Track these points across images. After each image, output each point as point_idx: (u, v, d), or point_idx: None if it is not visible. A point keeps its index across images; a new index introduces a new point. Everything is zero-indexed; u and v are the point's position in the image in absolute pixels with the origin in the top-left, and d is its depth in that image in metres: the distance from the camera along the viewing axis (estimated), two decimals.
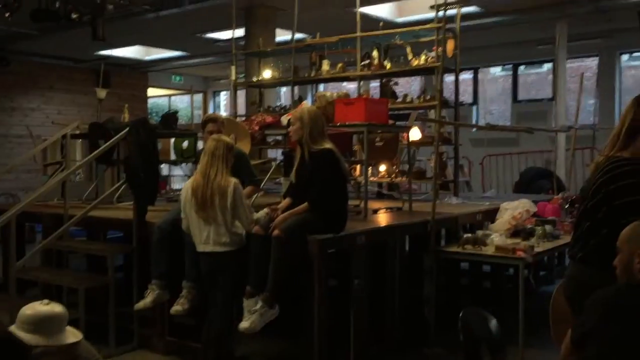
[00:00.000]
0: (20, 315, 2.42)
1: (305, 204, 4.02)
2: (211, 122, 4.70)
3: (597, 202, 2.60)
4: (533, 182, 10.07)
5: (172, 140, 7.64)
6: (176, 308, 4.18)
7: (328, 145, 4.09)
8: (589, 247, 2.63)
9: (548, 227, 5.30)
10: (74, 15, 7.76)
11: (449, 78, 7.34)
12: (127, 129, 5.10)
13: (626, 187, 2.51)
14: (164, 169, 11.76)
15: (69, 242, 5.61)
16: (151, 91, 17.19)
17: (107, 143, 5.39)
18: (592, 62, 12.91)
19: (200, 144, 7.19)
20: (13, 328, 2.37)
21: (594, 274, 2.57)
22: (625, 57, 12.54)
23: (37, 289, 5.52)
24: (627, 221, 2.43)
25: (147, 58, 15.05)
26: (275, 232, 3.88)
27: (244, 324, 3.80)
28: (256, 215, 4.13)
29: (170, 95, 19.19)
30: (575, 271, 2.71)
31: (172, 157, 7.89)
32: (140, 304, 4.36)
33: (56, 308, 2.48)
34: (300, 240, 3.98)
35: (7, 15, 7.35)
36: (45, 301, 2.49)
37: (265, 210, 4.16)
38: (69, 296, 5.06)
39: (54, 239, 5.04)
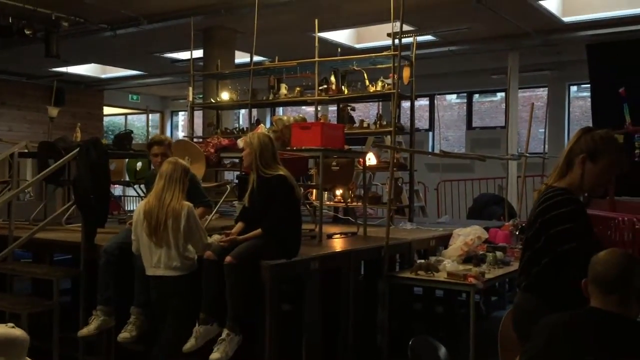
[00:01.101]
0: None
1: (259, 230, 3.99)
2: (156, 145, 4.62)
3: (535, 232, 2.66)
4: (486, 208, 10.25)
5: (126, 160, 7.52)
6: (124, 335, 4.07)
7: (281, 171, 4.07)
8: (531, 277, 2.68)
9: (499, 254, 5.40)
10: (27, 31, 7.61)
11: (406, 104, 7.47)
12: (78, 148, 4.99)
13: (558, 216, 2.57)
14: (118, 189, 11.54)
15: (13, 264, 5.40)
16: (107, 110, 16.89)
17: (57, 163, 5.25)
18: (543, 92, 13.34)
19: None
20: None
21: (538, 303, 2.61)
22: (574, 88, 13.01)
23: None
24: (562, 250, 2.53)
25: (104, 76, 14.82)
26: (228, 258, 3.83)
27: (215, 355, 3.71)
28: (209, 240, 4.07)
29: (126, 114, 18.90)
30: (521, 300, 2.76)
31: (126, 177, 7.76)
32: (84, 331, 4.23)
33: (19, 332, 2.39)
34: (253, 266, 3.94)
35: None
36: (10, 324, 2.42)
37: (217, 236, 4.12)
38: (12, 321, 4.85)
39: None
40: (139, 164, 7.19)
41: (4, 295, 5.22)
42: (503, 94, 13.40)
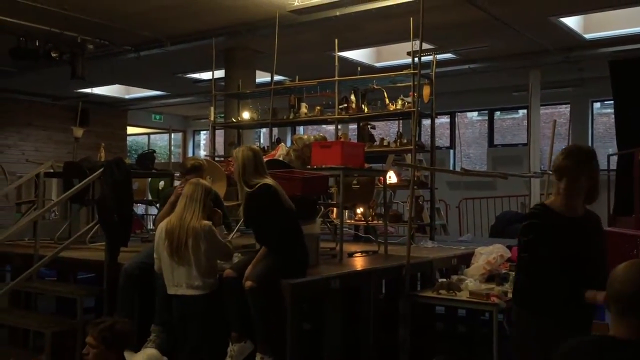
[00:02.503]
0: None
1: (264, 248, 4.00)
2: (195, 172, 4.65)
3: (519, 247, 2.90)
4: (508, 226, 10.14)
5: (149, 179, 7.61)
6: None
7: (267, 181, 4.06)
8: (516, 288, 2.90)
9: None
10: (53, 54, 7.79)
11: (426, 122, 7.47)
12: (102, 168, 5.07)
13: (520, 229, 2.80)
14: (140, 208, 11.66)
15: (38, 283, 5.48)
16: (131, 129, 17.15)
17: (81, 183, 5.34)
18: (565, 109, 13.23)
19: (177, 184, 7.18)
20: None
21: (519, 312, 2.79)
22: (597, 104, 12.87)
23: (4, 331, 5.37)
24: (520, 259, 2.79)
25: (127, 96, 15.07)
26: (248, 283, 3.84)
27: None
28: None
29: (149, 134, 19.17)
30: (512, 312, 2.93)
31: (148, 196, 7.84)
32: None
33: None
34: (273, 286, 3.94)
35: None
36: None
37: (237, 255, 4.15)
38: (36, 339, 4.93)
39: (23, 280, 4.92)
40: (162, 183, 7.28)
41: (29, 314, 5.30)
42: (525, 111, 13.31)
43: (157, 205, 7.32)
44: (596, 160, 2.89)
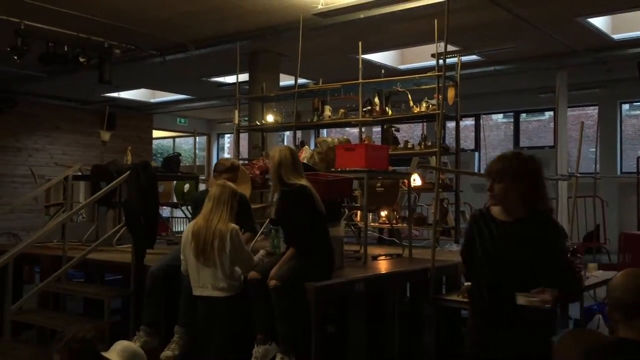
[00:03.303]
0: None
1: (292, 249, 4.01)
2: (232, 172, 4.70)
3: None
4: None
5: (174, 182, 7.68)
6: (166, 353, 4.12)
7: (303, 182, 4.09)
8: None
9: None
10: (81, 59, 7.92)
11: (451, 124, 7.41)
12: (129, 171, 5.14)
13: (465, 230, 3.03)
14: (166, 211, 11.78)
15: (67, 284, 5.57)
16: (156, 133, 17.36)
17: (108, 185, 5.41)
18: (593, 111, 13.02)
19: (202, 187, 7.23)
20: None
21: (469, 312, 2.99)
22: (625, 106, 12.66)
23: (33, 331, 5.46)
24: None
25: (153, 100, 15.26)
26: (272, 282, 3.85)
27: None
28: (255, 258, 4.13)
29: (174, 137, 19.37)
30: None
31: (174, 199, 7.91)
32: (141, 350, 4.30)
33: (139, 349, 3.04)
34: (297, 288, 3.95)
35: (15, 58, 7.48)
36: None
37: (262, 252, 4.16)
38: None
39: (52, 281, 5.01)
40: (187, 186, 7.33)
41: (57, 315, 5.38)
42: (551, 112, 13.14)
43: (183, 207, 7.40)
44: (533, 167, 2.85)
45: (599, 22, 8.63)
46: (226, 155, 18.55)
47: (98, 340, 3.03)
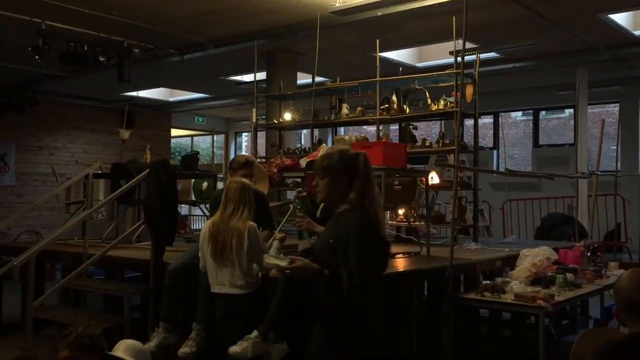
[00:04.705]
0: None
1: None
2: (247, 167, 4.66)
3: None
4: (555, 228, 9.92)
5: (192, 180, 7.73)
6: (184, 350, 4.15)
7: None
8: None
9: (569, 275, 5.20)
10: (101, 58, 8.00)
11: (469, 122, 7.36)
12: (148, 169, 5.18)
13: None
14: (184, 209, 11.87)
15: (87, 281, 5.64)
16: (174, 131, 17.49)
17: (128, 183, 5.47)
18: (614, 108, 12.86)
19: (220, 185, 7.28)
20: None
21: None
22: None
23: (54, 327, 5.54)
24: None
25: (171, 99, 15.37)
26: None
27: (235, 348, 3.67)
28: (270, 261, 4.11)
29: (192, 136, 19.50)
30: None
31: (192, 197, 7.97)
32: (145, 347, 4.33)
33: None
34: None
35: (36, 57, 7.58)
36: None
37: (276, 243, 4.13)
38: None
39: (72, 278, 5.07)
40: (205, 184, 7.39)
41: (78, 311, 5.46)
42: (571, 110, 13.01)
43: (201, 205, 7.44)
44: (346, 163, 2.75)
45: (620, 18, 8.50)
46: (244, 154, 18.64)
47: (102, 336, 3.04)
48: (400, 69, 8.21)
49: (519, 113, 14.72)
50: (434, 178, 6.85)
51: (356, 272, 2.56)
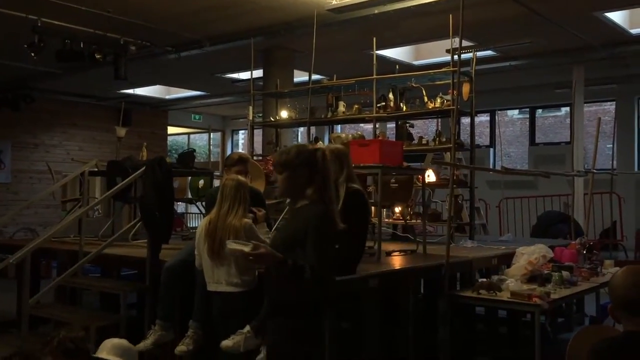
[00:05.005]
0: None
1: None
2: (241, 164, 4.66)
3: None
4: (551, 226, 9.94)
5: (189, 178, 7.72)
6: (181, 348, 4.14)
7: (355, 185, 4.17)
8: None
9: (565, 273, 5.22)
10: (97, 56, 7.97)
11: (466, 120, 7.37)
12: (144, 167, 5.17)
13: None
14: (180, 206, 11.84)
15: (83, 279, 5.63)
16: (171, 129, 17.46)
17: (124, 181, 5.45)
18: (610, 106, 12.88)
19: (216, 182, 7.27)
20: None
21: None
22: None
23: (50, 325, 5.52)
24: None
25: (168, 97, 15.35)
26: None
27: (227, 342, 3.72)
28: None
29: (189, 134, 19.47)
30: None
31: (189, 195, 7.96)
32: (141, 345, 4.32)
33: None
34: None
35: (32, 54, 7.55)
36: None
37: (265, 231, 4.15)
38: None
39: (68, 275, 5.06)
40: (201, 182, 7.37)
41: (74, 309, 5.45)
42: (567, 108, 13.03)
43: (198, 203, 7.43)
44: (304, 158, 2.76)
45: (617, 16, 8.52)
46: (240, 151, 18.63)
47: (85, 339, 3.00)
48: (397, 66, 8.21)
49: (516, 111, 14.74)
50: (430, 176, 6.86)
51: (317, 267, 2.56)
